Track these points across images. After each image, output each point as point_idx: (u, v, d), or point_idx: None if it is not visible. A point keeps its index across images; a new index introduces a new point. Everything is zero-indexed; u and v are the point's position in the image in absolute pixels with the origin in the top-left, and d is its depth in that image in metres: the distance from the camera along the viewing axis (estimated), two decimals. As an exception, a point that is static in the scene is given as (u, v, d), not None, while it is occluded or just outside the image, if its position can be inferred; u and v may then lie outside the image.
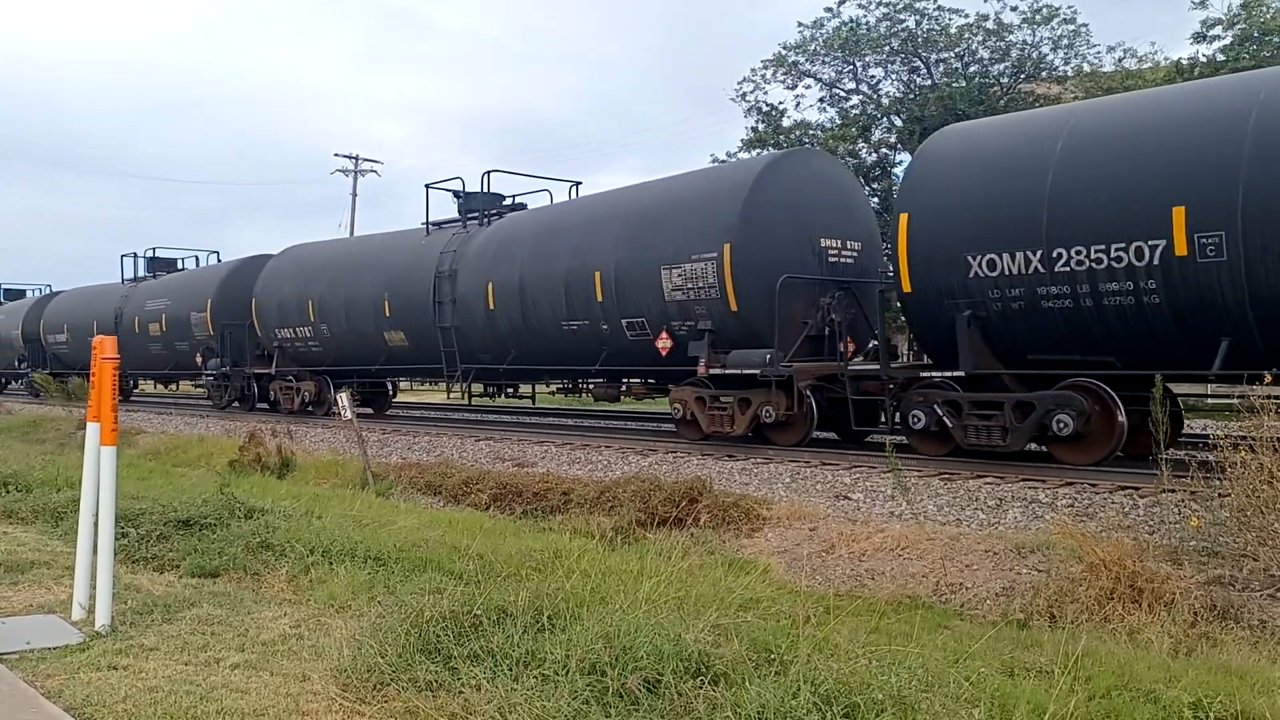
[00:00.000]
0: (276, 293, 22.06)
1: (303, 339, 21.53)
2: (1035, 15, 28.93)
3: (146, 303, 27.18)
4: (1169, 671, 4.83)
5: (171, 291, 26.65)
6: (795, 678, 3.73)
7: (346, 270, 20.60)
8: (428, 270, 17.96)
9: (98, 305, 30.20)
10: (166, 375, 28.93)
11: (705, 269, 13.25)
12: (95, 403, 5.63)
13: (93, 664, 4.75)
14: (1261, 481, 6.71)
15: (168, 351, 26.34)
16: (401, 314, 18.65)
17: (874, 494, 10.14)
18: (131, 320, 27.54)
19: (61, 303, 33.56)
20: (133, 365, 27.65)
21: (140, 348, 26.90)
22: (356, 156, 50.98)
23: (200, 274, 27.15)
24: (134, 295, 28.39)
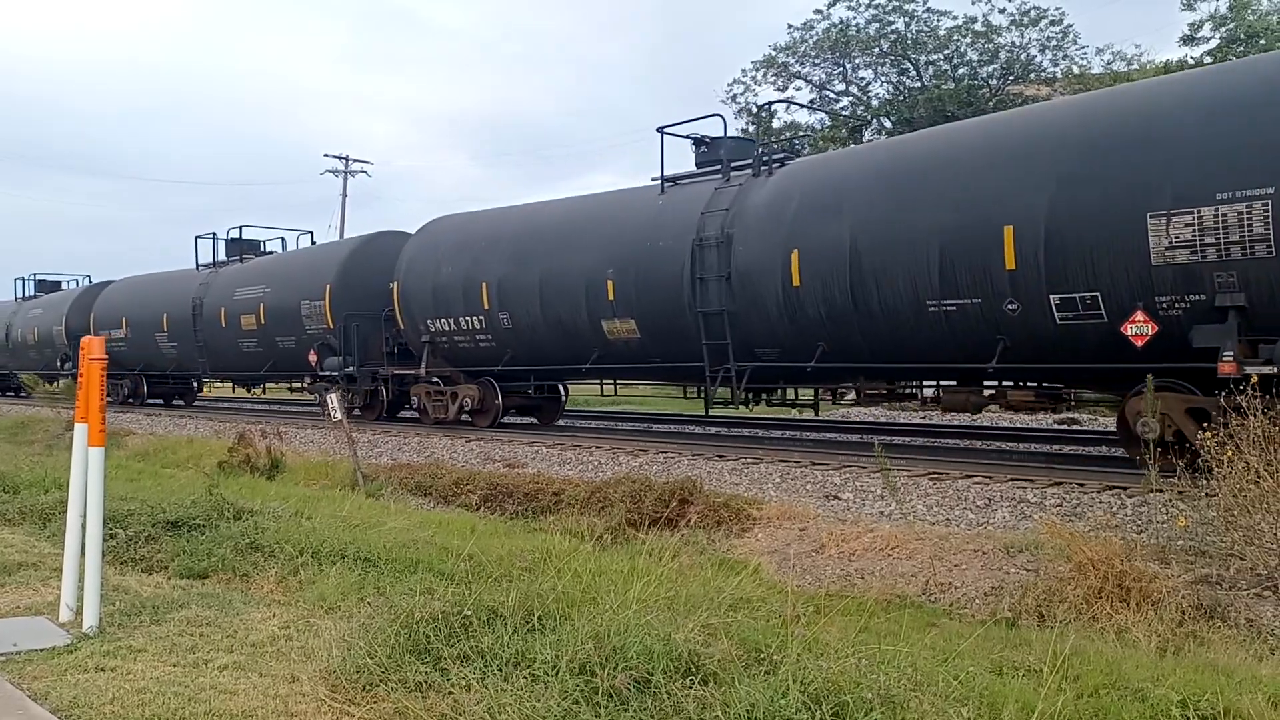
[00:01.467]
0: (430, 275, 17.66)
1: (468, 332, 17.09)
2: (1023, 17, 29.09)
3: (236, 291, 22.76)
4: (1156, 670, 4.86)
5: (271, 277, 22.17)
6: (785, 677, 3.74)
7: (541, 244, 15.96)
8: (679, 238, 13.71)
9: (168, 295, 25.94)
10: (260, 377, 24.00)
11: (1243, 214, 8.68)
12: (83, 404, 5.60)
13: (80, 666, 4.73)
14: (1248, 481, 6.75)
15: (265, 348, 22.02)
16: (634, 297, 14.32)
17: (864, 494, 10.16)
18: (215, 312, 23.30)
19: (118, 293, 29.29)
20: (214, 364, 24.36)
21: (226, 344, 23.10)
22: (346, 157, 50.84)
23: (311, 255, 22.64)
24: (216, 282, 23.99)
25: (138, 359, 27.53)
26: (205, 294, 23.99)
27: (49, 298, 34.44)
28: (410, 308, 18.19)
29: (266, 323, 21.62)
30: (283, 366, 22.14)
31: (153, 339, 26.06)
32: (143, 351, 27.06)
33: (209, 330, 23.56)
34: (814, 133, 30.97)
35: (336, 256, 20.77)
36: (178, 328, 24.95)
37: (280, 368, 22.29)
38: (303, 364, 20.83)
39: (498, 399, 17.50)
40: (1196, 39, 25.51)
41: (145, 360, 27.32)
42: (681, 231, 13.69)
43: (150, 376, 28.15)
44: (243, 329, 22.32)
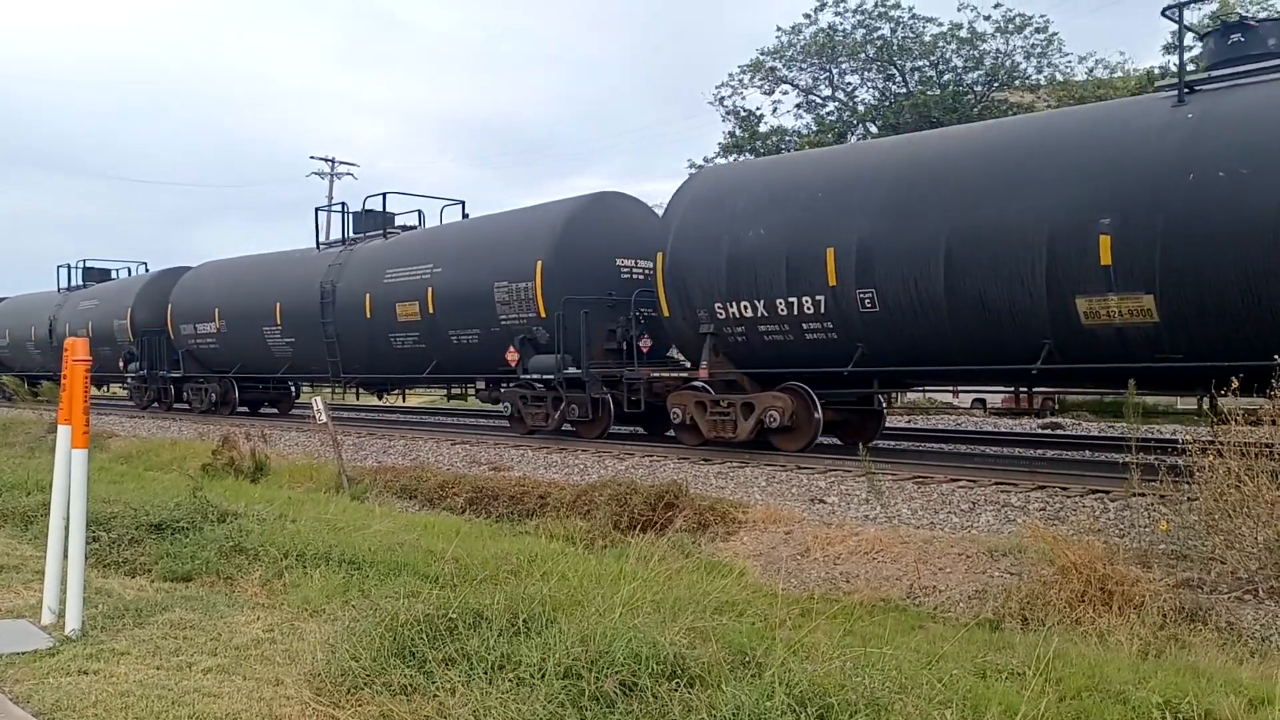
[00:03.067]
0: (722, 241, 13.09)
1: (788, 320, 12.49)
2: (1008, 24, 29.27)
3: (386, 273, 18.59)
4: (1138, 673, 4.89)
5: (442, 255, 17.69)
6: (770, 680, 3.75)
7: (944, 186, 11.35)
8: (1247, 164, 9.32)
9: (282, 279, 21.64)
10: (417, 380, 19.92)
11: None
12: (66, 405, 5.57)
13: (63, 669, 4.70)
14: (1229, 486, 6.80)
15: (430, 345, 17.74)
16: (1152, 259, 9.62)
17: (849, 497, 10.19)
18: (356, 300, 18.96)
19: (207, 279, 24.70)
20: (352, 364, 19.93)
21: (371, 340, 18.95)
22: (333, 159, 50.66)
23: (509, 223, 17.40)
24: (353, 262, 19.52)
25: (233, 359, 23.28)
26: (339, 277, 19.37)
27: (104, 287, 29.88)
28: (685, 287, 13.31)
29: (436, 312, 17.16)
30: (453, 367, 17.72)
31: (258, 334, 21.79)
32: (242, 349, 22.78)
33: (345, 323, 19.17)
34: (800, 137, 31.07)
35: (550, 223, 15.87)
36: (297, 320, 20.69)
37: (449, 369, 17.88)
38: (489, 363, 16.61)
39: (815, 413, 12.68)
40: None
41: (245, 360, 22.97)
42: (1259, 156, 9.05)
43: (244, 380, 23.73)
44: (399, 321, 17.91)
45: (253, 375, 23.44)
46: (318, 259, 20.87)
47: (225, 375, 23.85)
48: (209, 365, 24.26)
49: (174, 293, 25.11)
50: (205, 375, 24.39)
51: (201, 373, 24.50)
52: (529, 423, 16.16)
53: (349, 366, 20.05)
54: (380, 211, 20.81)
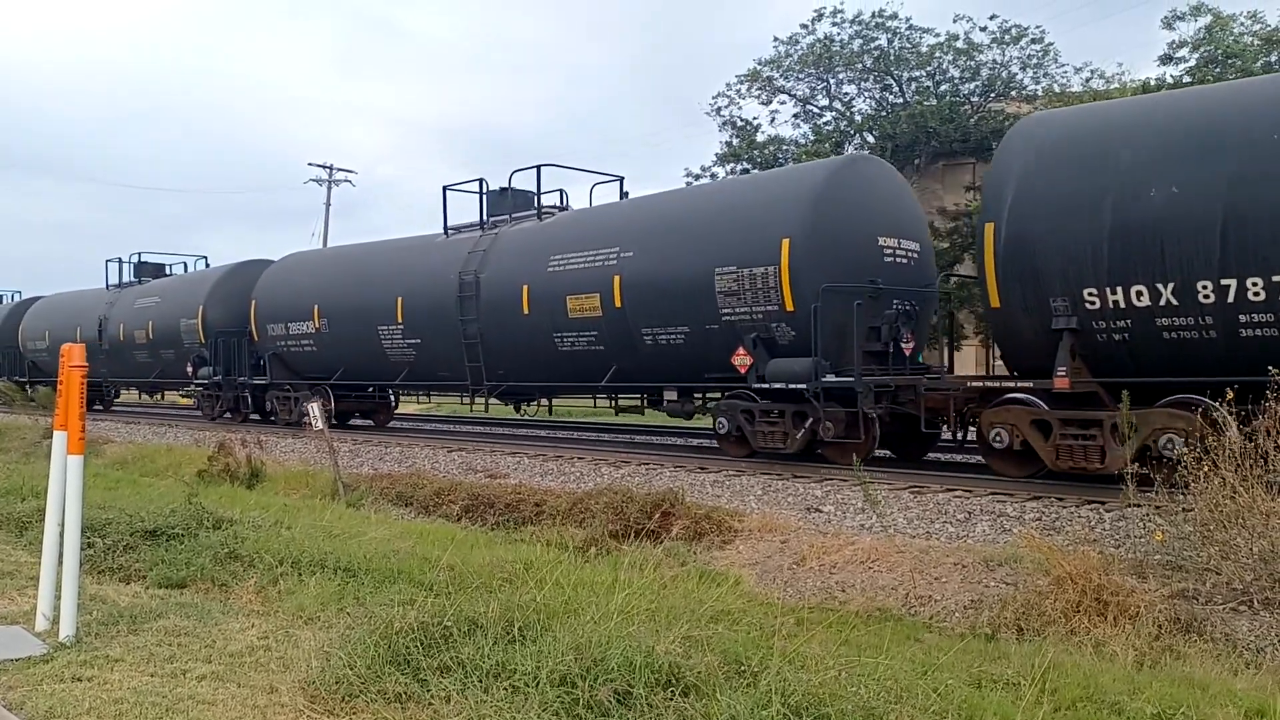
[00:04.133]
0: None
1: None
2: (1004, 35, 29.37)
3: (550, 260, 15.07)
4: (1133, 683, 4.90)
5: (628, 235, 14.34)
6: (766, 689, 3.75)
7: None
8: None
9: (401, 271, 18.21)
10: (586, 388, 16.20)
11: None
12: (62, 411, 5.57)
13: (56, 675, 4.69)
14: (1224, 496, 6.82)
15: (609, 345, 14.46)
16: None
17: (844, 507, 10.19)
18: (508, 293, 15.61)
19: (300, 272, 21.25)
20: (496, 368, 16.31)
21: (525, 341, 15.55)
22: (330, 166, 50.64)
23: (729, 194, 14.24)
24: (498, 248, 16.33)
25: (334, 363, 19.69)
26: (483, 266, 16.16)
27: (167, 283, 26.45)
28: (1032, 269, 10.19)
29: (624, 306, 13.90)
30: (640, 373, 14.39)
31: (371, 335, 18.32)
32: (348, 353, 19.27)
33: (493, 320, 15.92)
34: (798, 147, 31.11)
35: (798, 192, 12.61)
36: (424, 318, 17.26)
37: (635, 375, 14.53)
38: (694, 368, 13.54)
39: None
40: (1175, 58, 25.80)
41: (351, 365, 19.55)
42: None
43: (343, 387, 20.17)
44: (570, 317, 14.67)
45: (357, 382, 20.14)
46: (452, 245, 17.37)
47: (320, 382, 20.13)
48: (301, 371, 20.79)
49: (259, 288, 21.48)
50: (294, 382, 20.82)
51: (290, 379, 20.96)
52: (756, 443, 12.69)
53: (494, 372, 16.36)
54: (524, 190, 17.40)
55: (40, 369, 30.98)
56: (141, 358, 25.58)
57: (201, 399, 24.03)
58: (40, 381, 30.78)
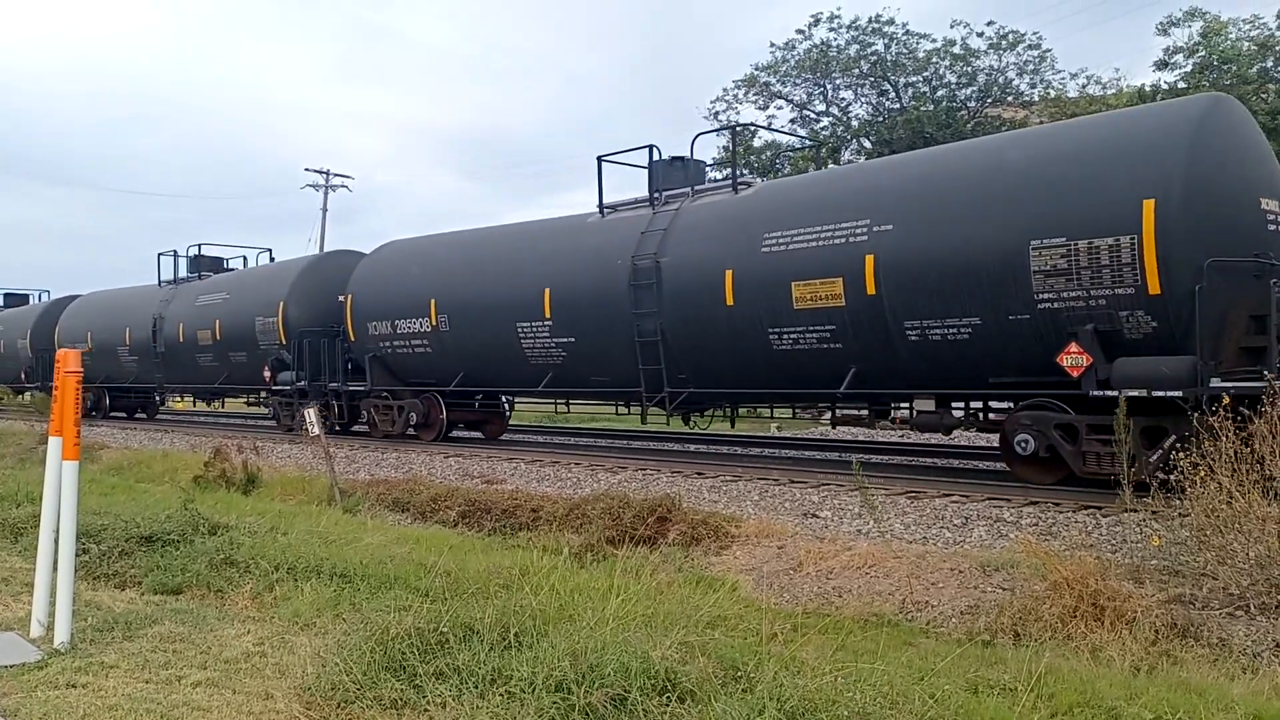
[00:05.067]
0: None
1: None
2: (1001, 40, 29.46)
3: (762, 238, 12.35)
4: (1130, 689, 4.89)
5: (890, 205, 11.40)
6: (761, 695, 3.74)
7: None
8: None
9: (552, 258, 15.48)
10: (813, 396, 13.53)
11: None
12: (58, 417, 5.56)
13: (51, 682, 4.68)
14: (1221, 502, 6.82)
15: (849, 345, 11.70)
16: None
17: (841, 512, 10.19)
18: (709, 281, 12.91)
19: (408, 259, 18.42)
20: (700, 372, 13.47)
21: (743, 340, 12.69)
22: (327, 172, 50.68)
23: (1092, 129, 10.82)
24: (685, 228, 13.66)
25: (454, 366, 17.06)
26: (662, 249, 13.49)
27: (234, 277, 23.83)
28: None
29: (879, 293, 11.15)
30: (891, 376, 11.63)
31: (506, 334, 15.72)
32: (473, 353, 16.65)
33: (681, 314, 13.22)
34: (794, 152, 31.18)
35: (1154, 136, 9.81)
36: (579, 312, 14.73)
37: (880, 379, 11.73)
38: (978, 369, 10.84)
39: None
40: (1171, 64, 25.90)
41: (475, 369, 16.84)
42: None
43: (457, 394, 17.65)
44: (796, 308, 11.86)
45: (479, 388, 17.42)
46: (613, 226, 14.83)
47: (430, 389, 17.68)
48: (408, 376, 18.22)
49: (356, 280, 18.93)
50: (396, 389, 18.37)
51: (392, 385, 18.42)
52: (1079, 467, 9.97)
53: (677, 377, 13.57)
54: (700, 161, 14.99)
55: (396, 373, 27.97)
56: (205, 361, 22.86)
57: (279, 407, 21.05)
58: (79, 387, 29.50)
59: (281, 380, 20.11)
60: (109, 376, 26.63)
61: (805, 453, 16.23)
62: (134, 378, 26.05)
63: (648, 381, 13.96)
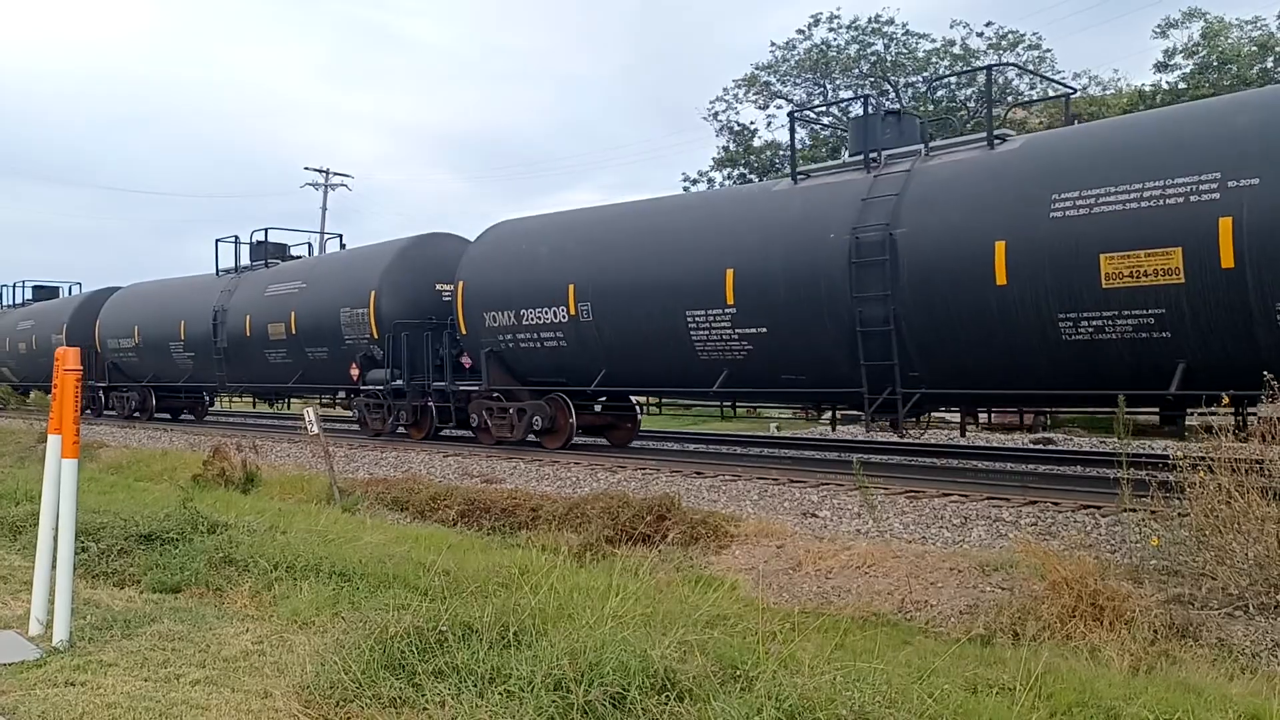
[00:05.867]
0: None
1: None
2: (1001, 41, 29.47)
3: (1052, 201, 10.05)
4: (1129, 689, 4.89)
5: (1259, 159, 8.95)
6: (760, 694, 3.74)
7: None
8: None
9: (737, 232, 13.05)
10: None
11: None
12: (57, 415, 5.56)
13: (49, 680, 4.68)
14: (1220, 502, 6.82)
15: (1195, 329, 9.35)
16: None
17: (841, 511, 10.19)
18: (961, 258, 10.74)
19: (537, 238, 16.05)
20: (936, 370, 11.32)
21: (1021, 329, 10.39)
22: (327, 171, 50.62)
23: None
24: (929, 193, 11.38)
25: (594, 363, 14.80)
26: (895, 220, 11.25)
27: (312, 264, 21.45)
28: None
29: (1242, 263, 8.97)
30: (1214, 372, 9.30)
31: (671, 324, 13.48)
32: (622, 346, 14.42)
33: (925, 296, 11.02)
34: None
35: None
36: (773, 298, 12.39)
37: (1214, 376, 9.25)
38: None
39: None
40: (1170, 65, 25.91)
41: (622, 366, 14.62)
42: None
43: (580, 397, 15.64)
44: (1105, 286, 9.72)
45: (625, 388, 15.24)
46: (812, 194, 12.57)
47: (556, 389, 15.53)
48: (530, 374, 15.93)
49: (466, 265, 16.62)
50: (513, 389, 16.14)
51: (511, 384, 16.14)
52: None
53: (908, 374, 11.39)
54: (912, 114, 13.24)
55: (124, 371, 26.27)
56: (276, 357, 20.70)
57: (368, 409, 18.95)
58: (121, 387, 26.68)
59: (372, 379, 18.10)
60: (157, 375, 24.78)
61: (804, 452, 16.24)
62: (188, 376, 23.87)
63: (871, 380, 11.64)
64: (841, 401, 13.23)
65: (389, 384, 17.78)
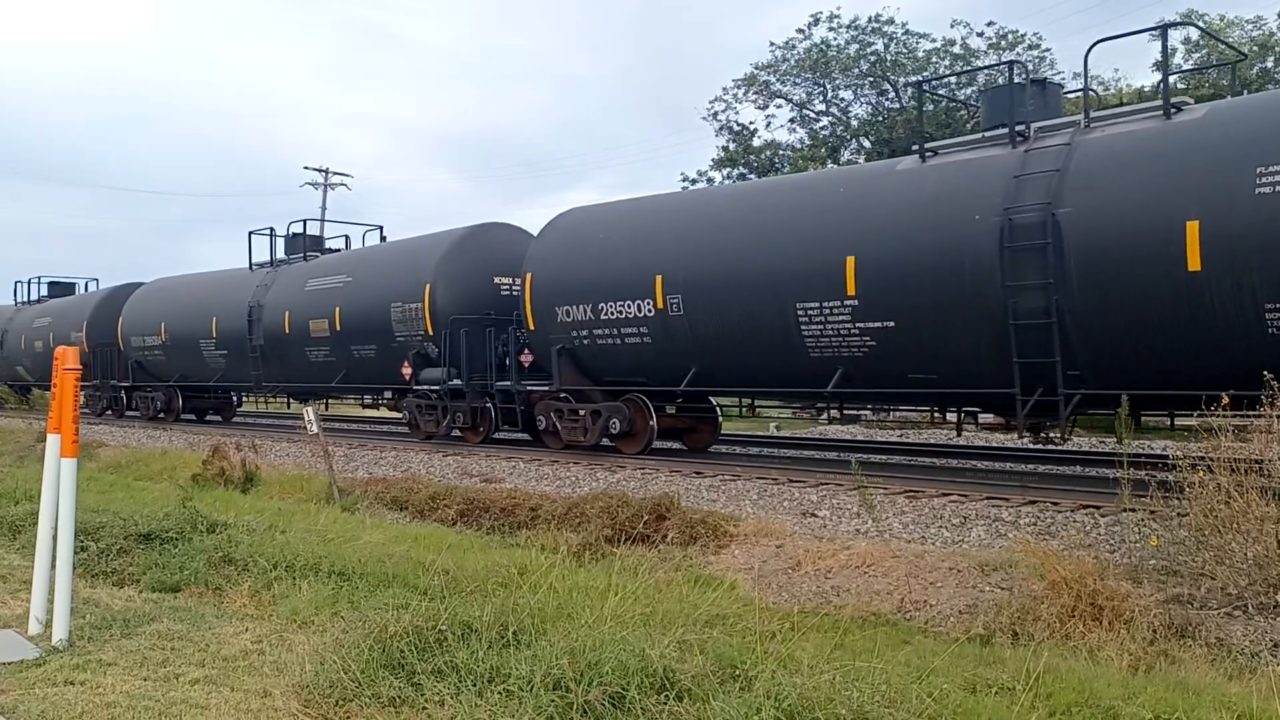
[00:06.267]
0: None
1: None
2: (1000, 40, 29.48)
3: (1259, 173, 8.83)
4: (1128, 688, 4.90)
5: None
6: (759, 693, 3.74)
7: None
8: None
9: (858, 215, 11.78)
10: None
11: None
12: (56, 414, 5.55)
13: (49, 679, 4.68)
14: (1219, 501, 6.82)
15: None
16: None
17: (840, 511, 10.19)
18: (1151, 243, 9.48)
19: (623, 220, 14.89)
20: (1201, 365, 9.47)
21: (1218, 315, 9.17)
22: (326, 170, 50.58)
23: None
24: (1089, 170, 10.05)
25: (682, 360, 13.46)
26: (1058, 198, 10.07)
27: (354, 256, 20.19)
28: None
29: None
30: None
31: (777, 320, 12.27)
32: (715, 343, 13.08)
33: (1099, 285, 9.85)
34: (794, 151, 31.17)
35: None
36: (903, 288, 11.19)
37: None
38: None
39: None
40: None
41: (713, 364, 13.32)
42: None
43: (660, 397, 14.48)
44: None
45: (717, 388, 14.01)
46: (948, 172, 11.36)
47: (634, 389, 14.08)
48: (607, 373, 14.42)
49: (534, 256, 15.34)
50: (586, 389, 14.80)
51: (583, 384, 14.77)
52: None
53: (1068, 374, 10.15)
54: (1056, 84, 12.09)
55: (149, 371, 24.77)
56: (318, 355, 19.53)
57: (418, 411, 17.71)
58: (145, 387, 24.97)
59: (427, 379, 16.71)
60: (185, 374, 23.46)
61: (804, 452, 16.24)
62: (219, 375, 22.52)
63: (1024, 379, 10.32)
64: (979, 404, 12.11)
65: (446, 384, 16.49)
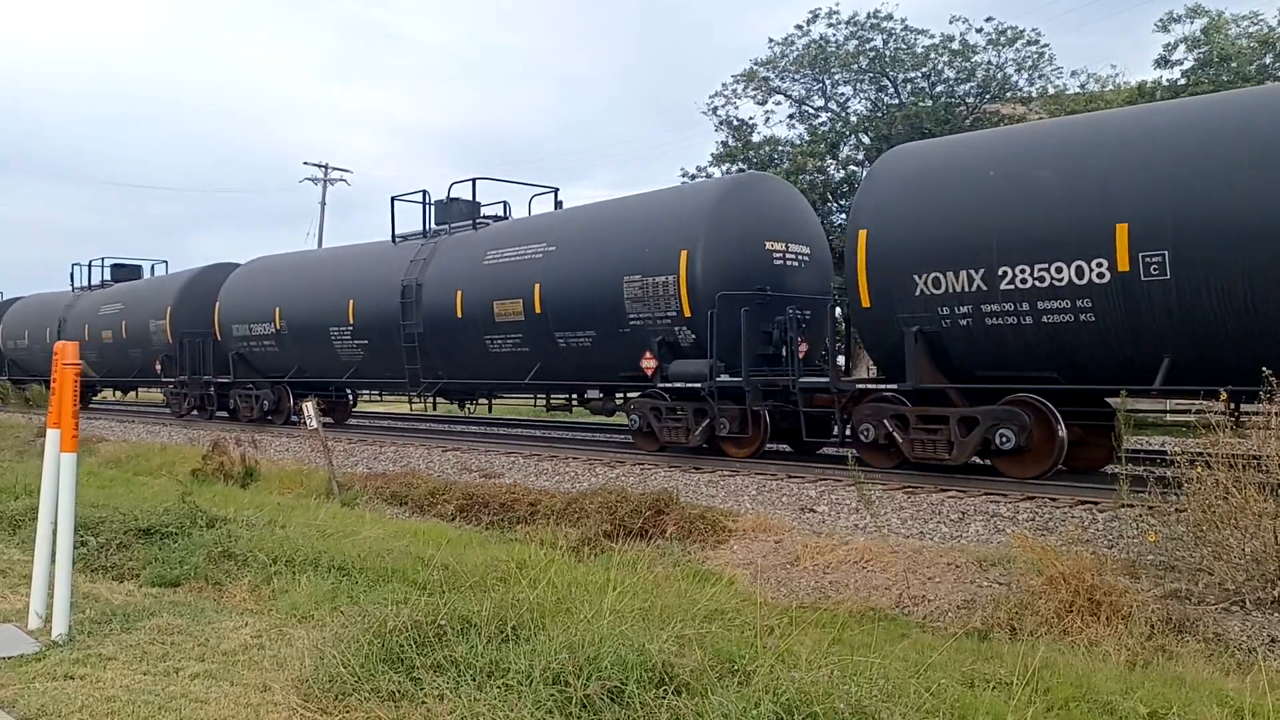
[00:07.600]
0: None
1: None
2: (1000, 36, 29.43)
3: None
4: (1126, 683, 4.91)
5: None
6: (757, 688, 3.75)
7: None
8: None
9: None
10: None
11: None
12: (56, 409, 5.56)
13: (49, 673, 4.68)
14: (1217, 497, 6.83)
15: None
16: None
17: (839, 507, 10.20)
18: None
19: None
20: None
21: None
22: (326, 165, 50.47)
23: None
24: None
25: (1145, 347, 9.17)
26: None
27: (550, 220, 15.95)
28: None
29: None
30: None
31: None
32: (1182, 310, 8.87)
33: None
34: (793, 148, 31.13)
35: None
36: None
37: None
38: None
39: None
40: (1171, 61, 25.86)
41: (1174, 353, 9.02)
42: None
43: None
44: None
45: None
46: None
47: (1025, 387, 10.18)
48: (995, 364, 10.39)
49: (865, 206, 11.28)
50: (947, 387, 10.75)
51: (941, 380, 10.78)
52: None
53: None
54: None
55: (253, 365, 21.23)
56: (503, 346, 15.63)
57: (655, 414, 13.68)
58: (247, 384, 21.10)
59: (680, 373, 12.90)
60: (304, 368, 19.73)
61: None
62: (353, 370, 18.58)
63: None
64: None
65: (711, 380, 12.53)
